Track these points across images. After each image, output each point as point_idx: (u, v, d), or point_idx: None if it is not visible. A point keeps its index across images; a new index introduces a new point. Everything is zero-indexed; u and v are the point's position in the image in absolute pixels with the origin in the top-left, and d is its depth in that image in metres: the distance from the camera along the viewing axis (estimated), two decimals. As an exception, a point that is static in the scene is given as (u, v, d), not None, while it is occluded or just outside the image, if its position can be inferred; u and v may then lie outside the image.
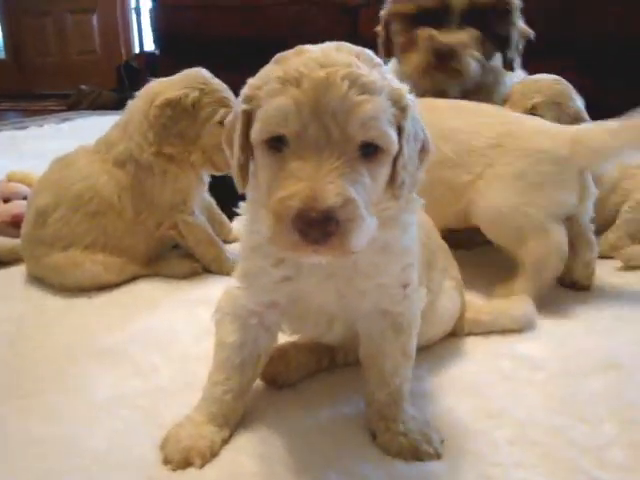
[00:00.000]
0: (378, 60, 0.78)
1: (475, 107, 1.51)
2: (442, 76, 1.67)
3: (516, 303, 1.28)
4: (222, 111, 1.50)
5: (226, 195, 1.91)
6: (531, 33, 1.77)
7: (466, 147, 1.41)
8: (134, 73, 5.13)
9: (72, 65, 6.21)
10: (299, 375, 1.07)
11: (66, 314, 1.39)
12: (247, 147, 0.78)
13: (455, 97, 1.67)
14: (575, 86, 1.70)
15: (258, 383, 1.03)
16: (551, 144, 1.37)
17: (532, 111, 1.58)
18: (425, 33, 1.65)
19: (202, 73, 1.56)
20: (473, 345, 1.20)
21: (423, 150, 0.84)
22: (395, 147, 0.76)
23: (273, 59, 0.79)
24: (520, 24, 1.74)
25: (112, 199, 1.50)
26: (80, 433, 0.96)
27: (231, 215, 1.91)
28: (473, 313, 1.24)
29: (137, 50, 5.55)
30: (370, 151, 0.73)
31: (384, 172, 0.77)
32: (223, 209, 1.81)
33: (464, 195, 1.42)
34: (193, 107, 1.50)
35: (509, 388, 1.06)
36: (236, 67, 4.47)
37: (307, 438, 0.94)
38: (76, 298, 1.46)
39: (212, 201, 1.75)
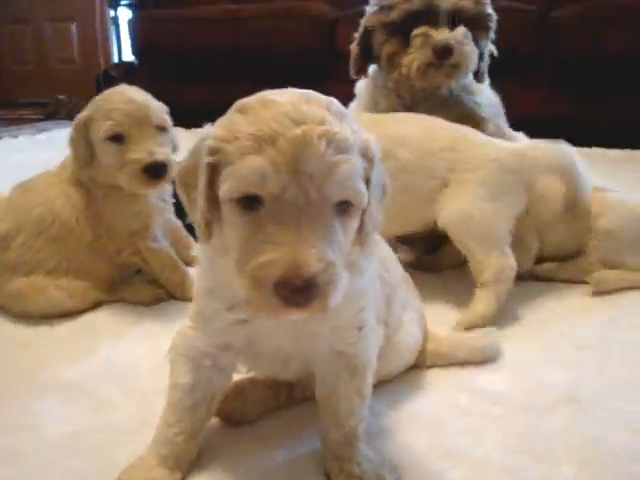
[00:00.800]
0: (345, 110, 0.78)
1: (426, 117, 1.58)
2: (439, 73, 1.70)
3: (478, 335, 1.28)
4: (105, 125, 1.41)
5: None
6: (495, 51, 1.84)
7: (422, 151, 1.47)
8: (113, 83, 5.08)
9: (51, 73, 6.15)
10: (256, 411, 1.06)
11: (27, 343, 1.36)
12: (211, 200, 0.76)
13: (429, 109, 1.70)
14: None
15: (214, 420, 1.02)
16: (503, 155, 1.47)
17: None
18: (422, 32, 1.67)
19: (114, 89, 1.49)
20: (433, 378, 1.20)
21: (384, 193, 0.84)
22: (366, 201, 0.76)
23: (236, 107, 0.77)
24: (491, 39, 1.81)
25: (71, 222, 1.48)
26: (35, 474, 0.95)
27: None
28: (435, 345, 1.23)
29: (116, 60, 5.52)
30: (343, 208, 0.73)
31: (354, 225, 0.77)
32: (190, 231, 1.79)
33: (430, 201, 1.47)
34: (84, 126, 1.45)
35: (467, 424, 1.06)
36: (214, 78, 4.49)
37: (263, 479, 0.92)
38: (37, 326, 1.43)
39: (178, 223, 1.73)
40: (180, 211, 1.71)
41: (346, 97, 1.65)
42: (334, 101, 0.78)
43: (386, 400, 1.11)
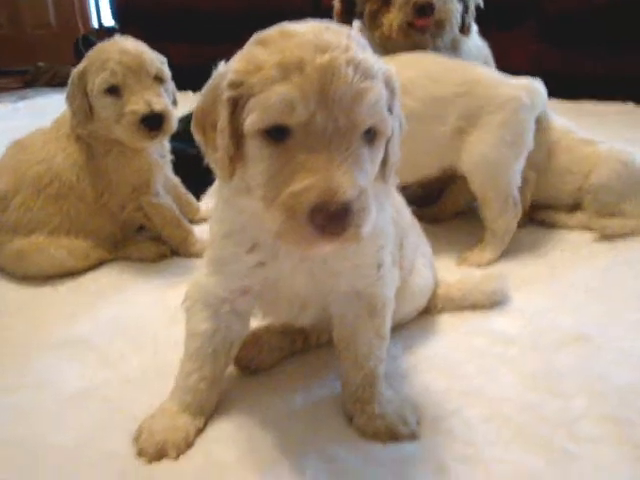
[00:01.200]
0: (364, 40, 0.76)
1: (429, 57, 1.56)
2: (424, 37, 1.67)
3: (487, 279, 1.29)
4: (100, 77, 1.36)
5: (192, 174, 1.87)
6: (481, 3, 1.80)
7: (430, 98, 1.44)
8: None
9: (26, 40, 5.94)
10: (273, 359, 1.06)
11: (30, 305, 1.34)
12: (233, 136, 0.73)
13: None
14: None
15: (231, 369, 1.02)
16: (518, 93, 1.46)
17: None
18: None
19: (109, 40, 1.43)
20: (446, 322, 1.20)
21: (401, 127, 0.82)
22: (390, 130, 0.75)
23: (254, 40, 0.74)
24: None
25: (72, 180, 1.44)
26: (48, 431, 0.94)
27: (198, 194, 1.87)
28: (445, 290, 1.24)
29: (95, 24, 5.35)
30: (371, 136, 0.72)
31: (380, 155, 0.76)
32: (189, 188, 1.76)
33: (443, 147, 1.46)
34: (79, 80, 1.40)
35: (482, 365, 1.07)
36: (198, 39, 4.36)
37: (283, 424, 0.93)
38: (40, 287, 1.41)
39: (177, 180, 1.70)
40: (178, 168, 1.68)
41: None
42: (351, 30, 0.75)
43: (401, 344, 1.11)
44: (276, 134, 0.69)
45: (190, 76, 2.18)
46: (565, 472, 0.84)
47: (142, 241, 1.55)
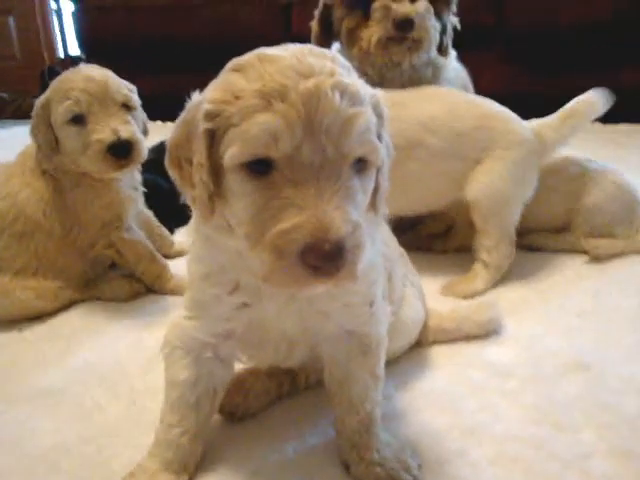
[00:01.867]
0: (347, 62, 0.71)
1: (444, 91, 1.57)
2: (400, 48, 1.65)
3: (480, 308, 1.24)
4: (64, 106, 1.29)
5: (165, 206, 1.81)
6: (458, 25, 1.80)
7: (452, 135, 1.44)
8: (59, 78, 4.86)
9: (-10, 72, 5.83)
10: (259, 404, 0.99)
11: (-5, 351, 1.25)
12: (214, 171, 0.67)
13: (394, 86, 1.65)
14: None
15: (215, 417, 0.94)
16: (528, 135, 1.47)
17: None
18: (381, 4, 1.61)
19: (72, 70, 1.36)
20: (439, 355, 1.15)
21: (389, 154, 0.77)
22: (381, 158, 0.69)
23: (230, 67, 0.69)
24: (453, 12, 1.78)
25: (38, 216, 1.36)
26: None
27: (171, 227, 1.80)
28: (437, 321, 1.18)
29: (61, 54, 5.27)
30: (360, 166, 0.66)
31: (371, 185, 0.70)
32: (162, 221, 1.69)
33: (459, 180, 1.45)
34: (43, 110, 1.33)
35: (481, 400, 1.01)
36: (169, 69, 4.32)
37: (275, 476, 0.86)
38: (4, 332, 1.31)
39: (150, 213, 1.63)
40: (150, 200, 1.61)
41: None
42: (336, 53, 0.71)
43: (394, 381, 1.05)
44: (259, 167, 0.63)
45: (159, 106, 2.12)
46: (580, 514, 0.79)
47: (114, 279, 1.46)
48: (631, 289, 1.40)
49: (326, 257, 0.60)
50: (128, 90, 1.36)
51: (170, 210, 1.86)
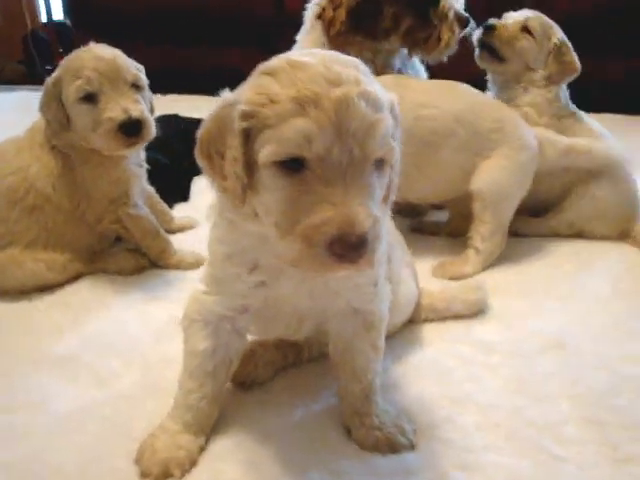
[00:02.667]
0: (367, 68, 0.78)
1: (462, 86, 1.62)
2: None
3: (469, 288, 1.33)
4: (76, 85, 1.33)
5: (165, 183, 1.86)
6: None
7: (474, 130, 1.53)
8: (43, 44, 4.77)
9: (-31, 34, 5.69)
10: (267, 374, 1.07)
11: (8, 320, 1.31)
12: (246, 165, 0.74)
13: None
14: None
15: (227, 385, 1.02)
16: (535, 144, 1.57)
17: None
18: (447, 4, 1.70)
19: (82, 48, 1.40)
20: (431, 332, 1.24)
21: (400, 152, 0.85)
22: (396, 158, 0.78)
23: (261, 71, 0.76)
24: None
25: (47, 190, 1.41)
26: (48, 452, 0.92)
27: (170, 203, 1.85)
28: (428, 300, 1.28)
29: (44, 19, 5.16)
30: (379, 165, 0.74)
31: (386, 181, 0.79)
32: (162, 197, 1.74)
33: (471, 173, 1.54)
34: (54, 88, 1.37)
35: (469, 372, 1.11)
36: (156, 39, 4.25)
37: (284, 439, 0.94)
38: (16, 302, 1.37)
39: (152, 190, 1.68)
40: (151, 177, 1.66)
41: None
42: (359, 61, 0.78)
43: (390, 355, 1.13)
44: (292, 165, 0.71)
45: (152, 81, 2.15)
46: (553, 475, 0.89)
47: (120, 253, 1.53)
48: (605, 274, 1.50)
49: (351, 247, 0.68)
50: (137, 70, 1.41)
51: (169, 186, 1.92)
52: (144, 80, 1.43)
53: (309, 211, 0.69)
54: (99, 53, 1.37)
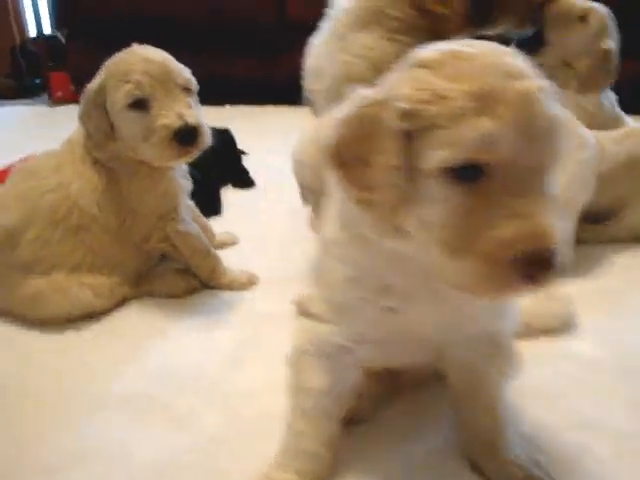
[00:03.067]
0: None
1: None
2: None
3: (555, 301, 1.23)
4: (124, 90, 1.21)
5: (199, 198, 1.74)
6: None
7: None
8: (33, 58, 4.60)
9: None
10: (373, 407, 0.96)
11: (58, 355, 1.16)
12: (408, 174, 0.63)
13: None
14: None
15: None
16: (594, 141, 1.49)
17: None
18: None
19: (126, 50, 1.28)
20: (528, 349, 1.13)
21: None
22: None
23: (414, 62, 0.64)
24: None
25: (92, 209, 1.27)
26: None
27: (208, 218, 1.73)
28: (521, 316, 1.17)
29: (34, 32, 4.98)
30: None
31: None
32: (203, 212, 1.63)
33: None
34: (97, 96, 1.24)
35: (585, 394, 1.01)
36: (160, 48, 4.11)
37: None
38: (60, 333, 1.23)
39: (192, 204, 1.56)
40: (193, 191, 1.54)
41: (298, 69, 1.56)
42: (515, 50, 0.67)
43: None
44: (469, 172, 0.59)
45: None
46: None
47: (167, 274, 1.39)
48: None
49: (544, 265, 0.58)
50: (186, 72, 1.29)
51: (202, 200, 1.80)
52: (194, 83, 1.30)
53: (491, 226, 0.58)
54: (147, 55, 1.24)
